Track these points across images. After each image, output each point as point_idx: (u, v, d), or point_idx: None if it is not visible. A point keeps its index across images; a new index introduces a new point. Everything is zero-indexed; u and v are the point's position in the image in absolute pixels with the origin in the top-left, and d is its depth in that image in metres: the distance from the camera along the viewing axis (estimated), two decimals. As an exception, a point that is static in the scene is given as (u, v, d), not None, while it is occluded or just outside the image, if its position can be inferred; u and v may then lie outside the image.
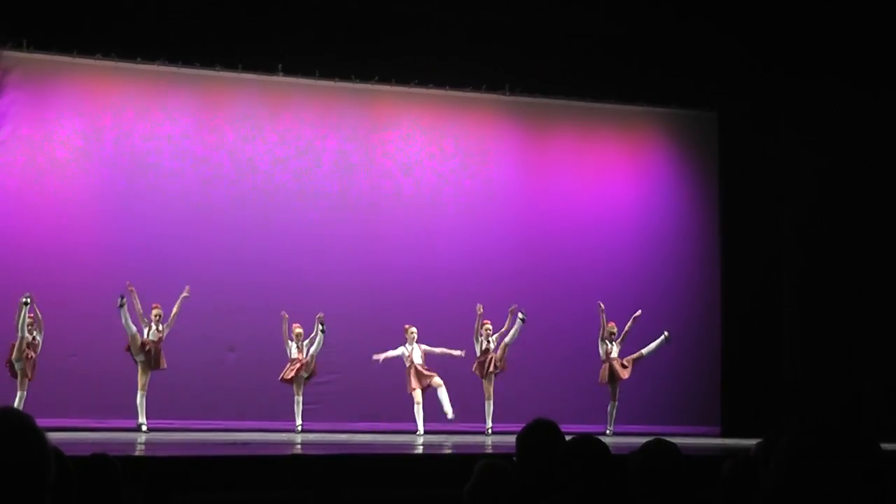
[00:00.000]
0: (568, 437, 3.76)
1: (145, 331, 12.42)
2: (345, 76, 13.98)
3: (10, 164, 12.94)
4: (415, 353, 13.10)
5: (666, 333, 13.59)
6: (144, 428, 12.17)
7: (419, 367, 13.05)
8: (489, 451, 10.50)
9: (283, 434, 12.38)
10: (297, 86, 14.04)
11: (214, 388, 12.85)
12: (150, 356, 12.34)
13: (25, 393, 11.86)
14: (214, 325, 12.93)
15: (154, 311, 12.47)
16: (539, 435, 3.75)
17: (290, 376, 12.84)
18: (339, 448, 10.59)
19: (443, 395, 12.99)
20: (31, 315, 12.00)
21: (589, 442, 3.63)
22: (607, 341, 13.58)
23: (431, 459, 9.38)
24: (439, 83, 14.31)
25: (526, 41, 13.98)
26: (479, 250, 14.32)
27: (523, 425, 3.91)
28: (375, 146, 14.31)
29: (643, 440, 3.92)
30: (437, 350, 13.22)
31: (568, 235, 14.70)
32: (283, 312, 12.86)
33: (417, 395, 13.01)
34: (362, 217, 14.05)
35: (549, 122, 14.99)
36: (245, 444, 10.70)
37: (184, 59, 13.42)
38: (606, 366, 13.55)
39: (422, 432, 12.81)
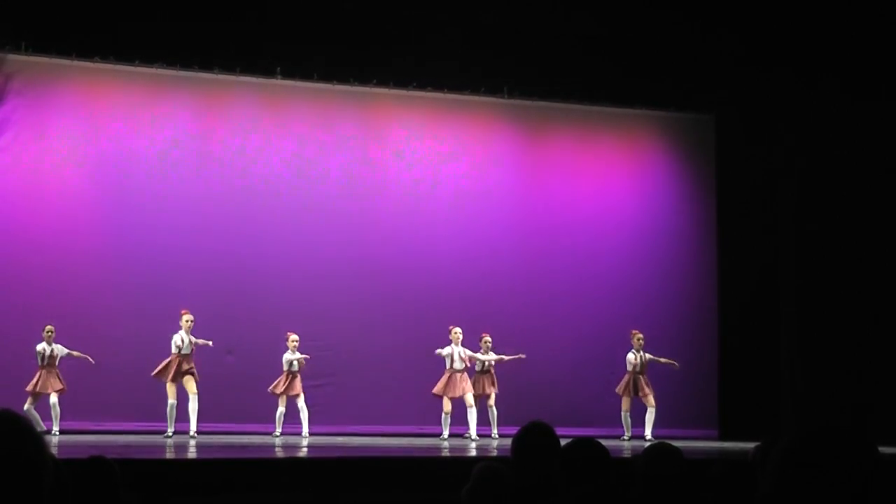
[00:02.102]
0: (564, 440, 3.77)
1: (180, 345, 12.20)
2: (343, 79, 13.98)
3: (11, 166, 12.92)
4: (457, 355, 12.86)
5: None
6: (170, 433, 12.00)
7: (457, 376, 12.82)
8: (486, 454, 10.51)
9: (281, 437, 12.38)
10: (295, 89, 14.04)
11: (213, 390, 12.80)
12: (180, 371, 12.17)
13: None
14: (213, 327, 12.88)
15: (186, 318, 12.25)
16: (534, 437, 3.75)
17: (293, 391, 12.71)
18: (337, 451, 10.59)
19: (472, 417, 12.75)
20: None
21: (588, 444, 3.63)
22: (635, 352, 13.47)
23: (429, 463, 9.38)
24: (438, 86, 14.32)
25: (524, 44, 13.99)
26: (478, 253, 14.31)
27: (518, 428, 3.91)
28: (374, 149, 14.30)
29: (643, 444, 3.92)
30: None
31: (566, 238, 14.69)
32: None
33: (446, 403, 12.79)
34: (361, 220, 14.04)
35: (547, 125, 14.99)
36: (243, 447, 10.71)
37: (182, 62, 13.42)
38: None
39: (446, 436, 12.69)
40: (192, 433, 11.97)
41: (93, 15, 12.73)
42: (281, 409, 12.67)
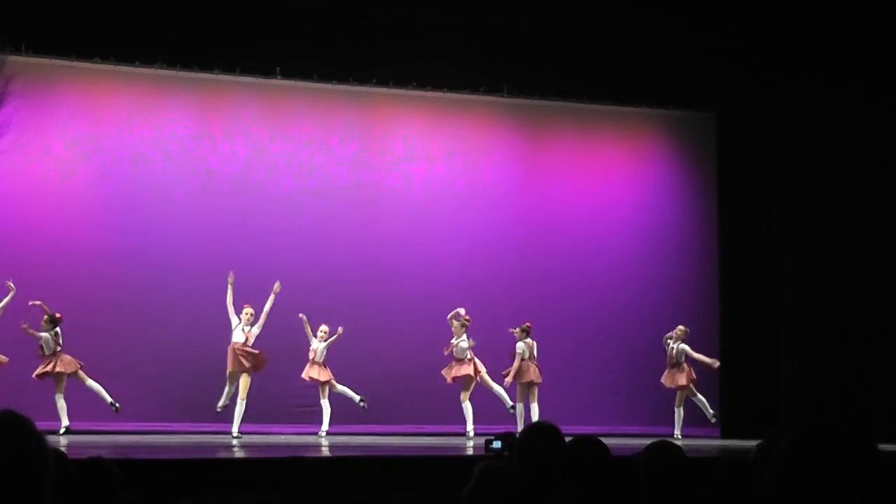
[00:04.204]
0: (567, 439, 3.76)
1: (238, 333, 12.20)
2: (343, 79, 13.97)
3: (12, 168, 12.91)
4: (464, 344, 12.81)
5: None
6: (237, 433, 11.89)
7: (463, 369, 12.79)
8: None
9: (283, 437, 12.37)
10: (295, 89, 14.04)
11: (215, 390, 12.79)
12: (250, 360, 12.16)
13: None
14: (215, 326, 12.87)
15: (246, 311, 12.31)
16: (537, 437, 3.75)
17: (321, 378, 12.70)
18: (339, 451, 10.59)
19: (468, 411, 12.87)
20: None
21: (589, 443, 3.63)
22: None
23: (431, 462, 9.37)
24: (437, 86, 14.30)
25: (524, 43, 13.97)
26: (479, 253, 14.31)
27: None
28: (373, 149, 14.30)
29: (644, 442, 3.91)
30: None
31: (566, 237, 14.69)
32: (301, 315, 12.73)
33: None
34: (361, 219, 14.04)
35: (547, 123, 14.99)
36: (245, 446, 10.71)
37: (182, 63, 13.40)
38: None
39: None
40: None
41: (92, 16, 12.71)
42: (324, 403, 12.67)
